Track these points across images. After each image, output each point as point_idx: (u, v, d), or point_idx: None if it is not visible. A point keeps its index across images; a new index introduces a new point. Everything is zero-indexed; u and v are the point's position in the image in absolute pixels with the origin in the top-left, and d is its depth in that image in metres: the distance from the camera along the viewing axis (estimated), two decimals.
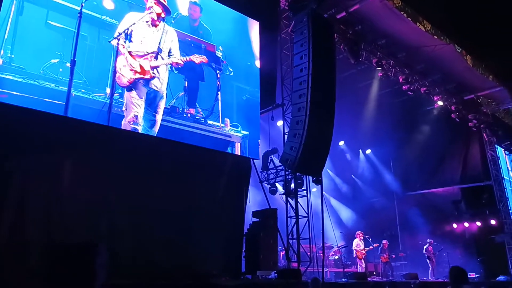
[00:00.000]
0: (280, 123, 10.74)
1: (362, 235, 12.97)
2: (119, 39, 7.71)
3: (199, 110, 8.87)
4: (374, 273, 13.07)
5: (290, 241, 9.42)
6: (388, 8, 10.59)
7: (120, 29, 7.82)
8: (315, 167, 9.15)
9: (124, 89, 7.74)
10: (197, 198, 8.42)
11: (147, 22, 8.22)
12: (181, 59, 8.59)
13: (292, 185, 9.76)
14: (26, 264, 5.85)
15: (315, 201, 10.07)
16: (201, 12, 9.41)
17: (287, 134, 9.41)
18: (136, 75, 7.89)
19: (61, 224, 6.54)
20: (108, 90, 7.50)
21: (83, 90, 7.21)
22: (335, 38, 10.56)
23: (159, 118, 8.14)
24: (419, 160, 17.52)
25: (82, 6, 7.29)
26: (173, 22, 8.72)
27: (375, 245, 13.00)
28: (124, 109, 7.63)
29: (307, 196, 9.79)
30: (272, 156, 10.51)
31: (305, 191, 9.83)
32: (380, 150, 18.12)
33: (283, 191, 9.97)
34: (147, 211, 7.53)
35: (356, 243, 12.84)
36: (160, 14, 8.33)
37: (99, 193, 7.04)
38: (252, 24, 10.50)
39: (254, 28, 10.50)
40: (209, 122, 8.95)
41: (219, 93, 9.23)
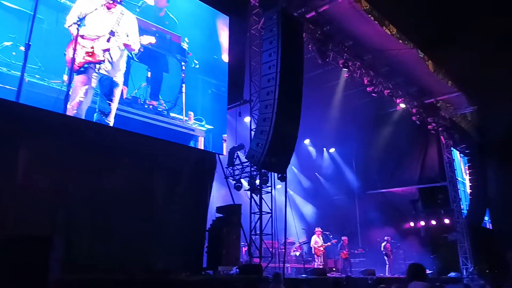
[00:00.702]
0: (247, 119, 10.71)
1: (321, 232, 13.17)
2: (73, 23, 7.37)
3: (162, 102, 8.65)
4: (334, 269, 13.31)
5: (253, 237, 9.44)
6: (357, 10, 10.79)
7: (73, 11, 7.48)
8: (281, 164, 9.21)
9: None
10: (158, 192, 8.26)
11: (102, 5, 7.92)
12: (132, 42, 8.22)
13: (258, 181, 9.78)
14: None
15: (279, 197, 10.12)
16: (167, 1, 9.19)
17: (254, 130, 9.40)
18: (86, 58, 7.56)
19: (14, 216, 6.23)
20: (65, 77, 7.16)
21: (37, 76, 6.84)
22: (304, 38, 10.64)
23: (114, 107, 7.84)
24: (380, 160, 18.15)
25: None
26: (137, 10, 8.46)
27: (333, 241, 13.26)
28: (70, 92, 7.25)
29: (271, 192, 9.84)
30: (238, 152, 10.46)
31: (269, 188, 9.87)
32: (344, 149, 18.61)
33: (248, 187, 9.97)
34: (105, 203, 7.31)
35: (314, 240, 13.03)
36: None
37: (54, 184, 6.78)
38: (221, 18, 10.37)
39: (223, 22, 10.38)
40: (171, 114, 8.75)
41: (184, 85, 9.06)
